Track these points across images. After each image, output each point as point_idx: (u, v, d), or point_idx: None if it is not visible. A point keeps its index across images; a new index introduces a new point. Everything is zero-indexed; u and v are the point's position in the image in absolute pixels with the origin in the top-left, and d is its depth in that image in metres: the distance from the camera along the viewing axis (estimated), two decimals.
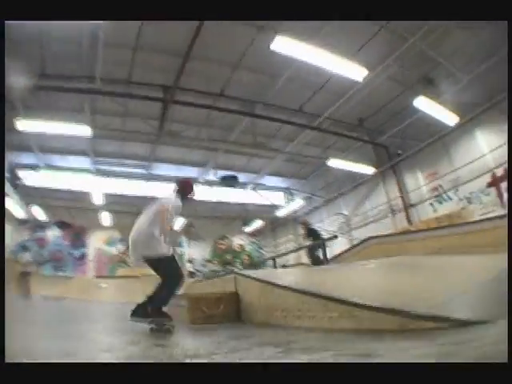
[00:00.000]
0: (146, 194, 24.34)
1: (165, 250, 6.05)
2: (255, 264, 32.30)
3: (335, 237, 15.53)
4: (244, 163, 26.43)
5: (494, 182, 17.48)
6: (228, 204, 31.34)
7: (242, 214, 32.99)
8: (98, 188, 24.19)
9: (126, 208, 25.18)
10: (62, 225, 29.21)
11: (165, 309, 5.96)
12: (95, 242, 30.36)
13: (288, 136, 21.56)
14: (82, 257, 29.60)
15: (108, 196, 25.96)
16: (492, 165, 17.37)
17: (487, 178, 17.69)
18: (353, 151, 22.70)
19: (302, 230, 19.56)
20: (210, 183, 28.14)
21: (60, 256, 28.58)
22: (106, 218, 28.12)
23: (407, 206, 22.11)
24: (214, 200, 30.06)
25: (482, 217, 14.99)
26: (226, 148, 22.92)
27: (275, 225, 35.56)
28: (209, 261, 33.37)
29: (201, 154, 24.18)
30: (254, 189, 31.11)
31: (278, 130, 21.19)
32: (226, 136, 21.19)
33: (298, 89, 17.84)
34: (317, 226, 23.87)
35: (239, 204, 31.91)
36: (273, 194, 32.61)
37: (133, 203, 23.34)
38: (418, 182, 21.82)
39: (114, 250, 30.67)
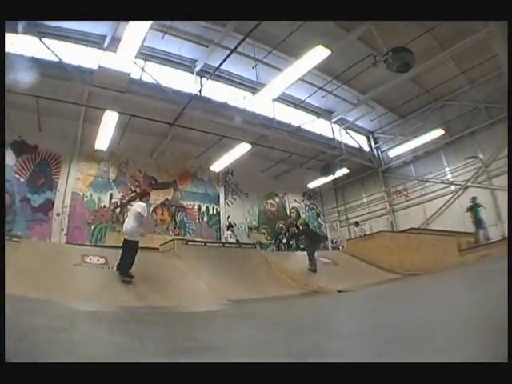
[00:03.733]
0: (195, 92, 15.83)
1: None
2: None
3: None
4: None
5: None
6: (309, 134, 20.57)
7: (320, 154, 21.43)
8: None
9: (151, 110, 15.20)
10: (20, 146, 15.94)
11: None
12: (72, 182, 16.80)
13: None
14: (46, 206, 15.97)
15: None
16: None
17: None
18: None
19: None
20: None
21: (5, 202, 14.67)
22: (106, 130, 14.87)
23: None
24: (291, 124, 19.84)
25: None
26: None
27: (343, 182, 25.34)
28: (255, 228, 21.93)
29: None
30: (341, 123, 22.44)
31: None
32: None
33: None
34: (437, 175, 21.34)
35: (322, 138, 21.51)
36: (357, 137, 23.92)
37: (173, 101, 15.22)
38: None
39: (105, 197, 17.47)
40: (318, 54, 12.78)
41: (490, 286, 6.42)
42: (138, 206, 9.57)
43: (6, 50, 11.86)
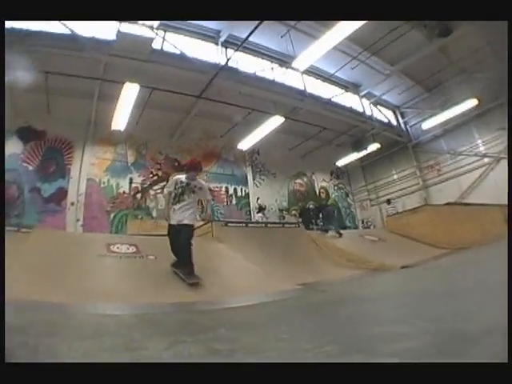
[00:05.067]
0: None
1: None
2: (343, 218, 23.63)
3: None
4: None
5: None
6: (340, 108, 19.10)
7: (351, 129, 20.50)
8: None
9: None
10: (26, 132, 14.55)
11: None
12: (86, 168, 15.43)
13: None
14: (59, 196, 14.59)
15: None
16: None
17: None
18: None
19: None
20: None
21: (12, 194, 13.66)
22: (124, 107, 13.41)
23: None
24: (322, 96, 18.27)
25: None
26: None
27: (372, 159, 24.18)
28: (285, 210, 20.80)
29: None
30: (368, 97, 21.10)
31: None
32: None
33: None
34: (469, 148, 20.60)
35: (351, 112, 19.87)
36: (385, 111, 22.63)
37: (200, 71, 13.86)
38: None
39: (124, 183, 16.06)
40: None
41: None
42: None
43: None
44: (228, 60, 14.01)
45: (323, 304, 5.09)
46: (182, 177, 7.29)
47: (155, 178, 16.55)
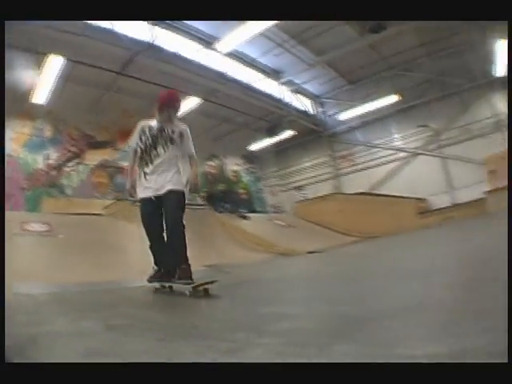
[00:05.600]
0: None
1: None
2: (252, 202, 23.72)
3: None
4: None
5: None
6: (259, 94, 19.03)
7: (268, 115, 21.01)
8: None
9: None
10: None
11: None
12: (5, 142, 14.13)
13: None
14: None
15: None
16: None
17: None
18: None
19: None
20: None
21: None
22: (47, 80, 13.29)
23: None
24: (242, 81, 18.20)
25: None
26: None
27: (286, 145, 24.25)
28: (195, 192, 18.92)
29: None
30: (288, 85, 20.75)
31: None
32: None
33: None
34: (386, 141, 21.41)
35: (270, 98, 19.79)
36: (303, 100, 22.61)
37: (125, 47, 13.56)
38: None
39: (40, 159, 15.51)
40: None
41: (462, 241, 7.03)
42: None
43: None
44: (155, 38, 14.05)
45: (225, 285, 5.33)
46: (151, 121, 5.03)
47: (69, 154, 16.18)
